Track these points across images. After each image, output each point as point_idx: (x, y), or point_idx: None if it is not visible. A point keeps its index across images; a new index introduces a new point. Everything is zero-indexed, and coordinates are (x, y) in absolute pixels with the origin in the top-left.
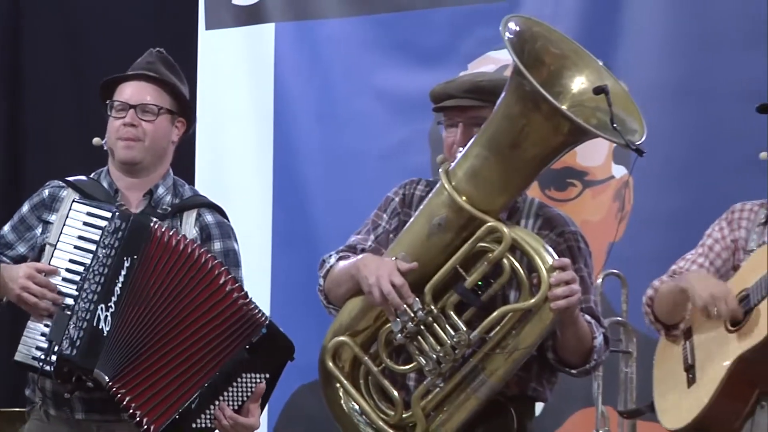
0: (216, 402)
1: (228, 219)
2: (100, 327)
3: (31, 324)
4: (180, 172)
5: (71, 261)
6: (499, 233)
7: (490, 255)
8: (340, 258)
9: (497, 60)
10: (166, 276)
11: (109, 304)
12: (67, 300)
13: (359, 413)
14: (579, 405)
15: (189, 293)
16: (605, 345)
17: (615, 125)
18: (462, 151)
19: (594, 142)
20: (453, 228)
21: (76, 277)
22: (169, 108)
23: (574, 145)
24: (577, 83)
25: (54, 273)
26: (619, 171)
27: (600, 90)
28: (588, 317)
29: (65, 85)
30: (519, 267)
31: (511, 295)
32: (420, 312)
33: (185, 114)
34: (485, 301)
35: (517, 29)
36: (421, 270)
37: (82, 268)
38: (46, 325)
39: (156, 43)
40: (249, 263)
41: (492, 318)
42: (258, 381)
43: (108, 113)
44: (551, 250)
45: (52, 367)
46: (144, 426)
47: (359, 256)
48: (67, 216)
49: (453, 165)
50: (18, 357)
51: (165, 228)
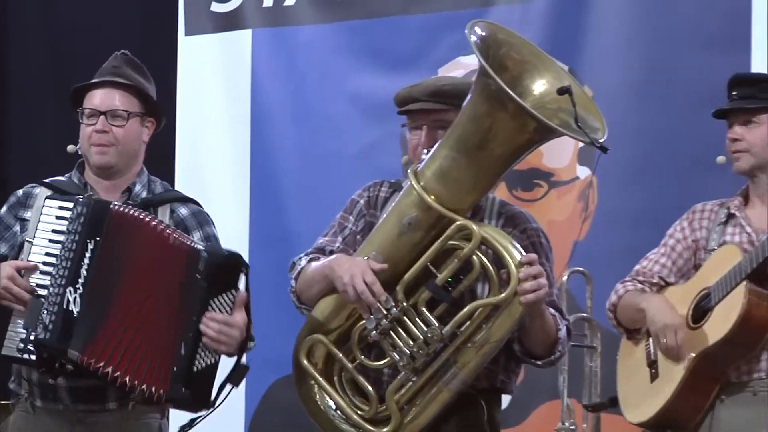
0: (201, 337)
1: (202, 207)
2: (70, 309)
3: (15, 318)
4: (160, 173)
5: (47, 254)
6: (469, 231)
7: (460, 252)
8: (310, 260)
9: (466, 65)
10: (127, 250)
11: (77, 286)
12: (42, 290)
13: (334, 409)
14: (544, 398)
15: (146, 258)
16: (568, 336)
17: (579, 123)
18: (429, 153)
19: (559, 144)
20: (423, 227)
21: (51, 269)
22: (138, 110)
23: (539, 144)
24: (539, 86)
25: (34, 269)
26: (584, 172)
27: (564, 90)
28: (552, 310)
29: (48, 91)
30: (488, 263)
31: (480, 291)
32: (393, 309)
33: (154, 113)
34: (456, 297)
35: (483, 34)
36: (393, 269)
37: (55, 259)
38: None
39: (137, 48)
40: None
41: (463, 313)
42: (232, 297)
43: (80, 120)
44: (519, 246)
45: (34, 356)
46: (151, 392)
47: (331, 256)
48: (41, 212)
49: (421, 166)
50: (4, 351)
51: (125, 208)
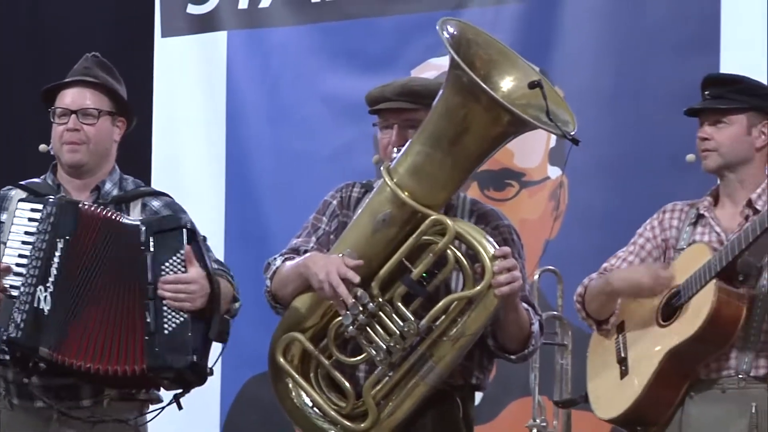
0: (163, 302)
1: (173, 199)
2: (41, 307)
3: None
4: (136, 173)
5: (20, 256)
6: (443, 226)
7: (434, 247)
8: (285, 260)
9: (439, 66)
10: (95, 248)
11: (47, 284)
12: (14, 291)
13: (311, 406)
14: (516, 395)
15: (112, 253)
16: (540, 332)
17: (550, 116)
18: (402, 150)
19: (530, 144)
20: (397, 223)
21: (23, 269)
22: (109, 110)
23: (511, 138)
24: (507, 83)
25: (7, 271)
26: (555, 172)
27: (534, 84)
28: (524, 305)
29: (26, 92)
30: (462, 257)
31: (455, 285)
32: (370, 304)
33: (125, 113)
34: (431, 292)
35: (454, 32)
36: (368, 265)
37: (27, 259)
38: None
39: (114, 50)
40: None
41: (439, 307)
42: (181, 257)
43: (51, 120)
44: (492, 240)
45: (8, 356)
46: (133, 371)
47: (306, 254)
48: (14, 215)
49: (393, 163)
50: None
51: (94, 207)
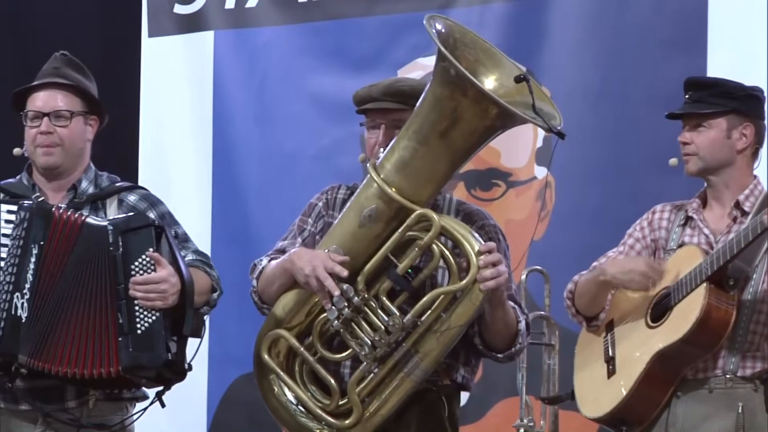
0: (134, 302)
1: (149, 191)
2: (18, 314)
3: None
4: (123, 174)
5: None
6: (429, 221)
7: (420, 242)
8: (271, 260)
9: (426, 66)
10: (69, 252)
11: (24, 291)
12: None
13: (295, 404)
14: (503, 395)
15: (86, 256)
16: (527, 330)
17: (536, 111)
18: (388, 146)
19: (517, 144)
20: (383, 219)
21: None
22: (81, 110)
23: (498, 132)
24: (492, 81)
25: None
26: (542, 172)
27: (521, 78)
28: (511, 303)
29: (9, 93)
30: (448, 252)
31: (441, 281)
32: (355, 298)
33: (96, 111)
34: (417, 287)
35: (442, 30)
36: (353, 261)
37: (3, 263)
38: None
39: (101, 50)
40: None
41: (425, 301)
42: (149, 253)
43: (24, 123)
44: (477, 235)
45: None
46: (109, 372)
47: (291, 250)
48: None
49: (380, 159)
50: None
51: (68, 211)
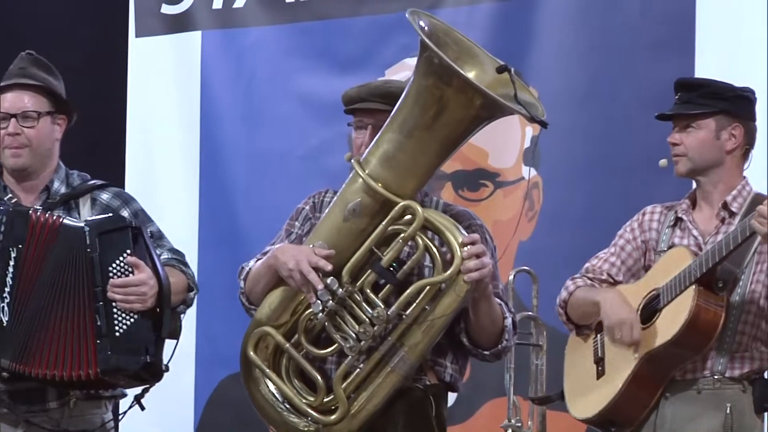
0: (113, 304)
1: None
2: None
3: None
4: (110, 174)
5: None
6: (412, 212)
7: (404, 234)
8: (257, 261)
9: (413, 67)
10: (47, 254)
11: (4, 295)
12: None
13: (281, 400)
14: (490, 395)
15: (63, 258)
16: (514, 329)
17: (519, 101)
18: (372, 141)
19: (505, 145)
20: (368, 213)
21: None
22: (48, 110)
23: (484, 123)
24: (472, 74)
25: None
26: (529, 172)
27: (503, 68)
28: (497, 300)
29: None
30: (431, 244)
31: (426, 273)
32: (339, 290)
33: (64, 110)
34: (401, 279)
35: (425, 27)
36: (339, 256)
37: None
38: None
39: (88, 50)
40: None
41: (409, 292)
42: (125, 256)
43: None
44: (461, 227)
45: None
46: (88, 375)
47: (275, 246)
48: None
49: (365, 155)
50: None
51: (45, 213)
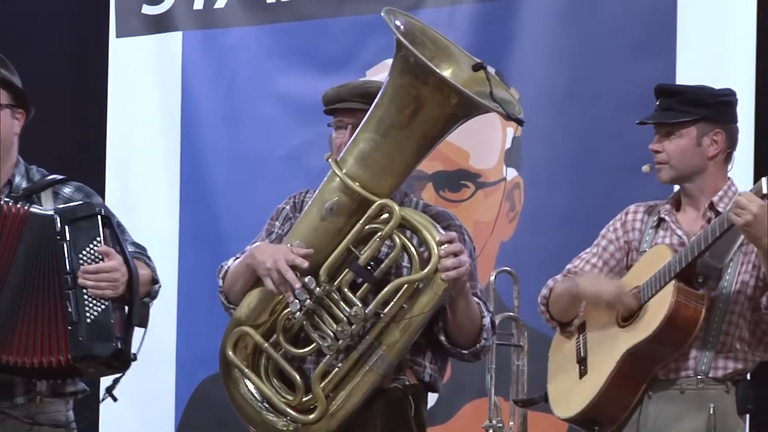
0: (84, 291)
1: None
2: None
3: None
4: (90, 174)
5: None
6: (389, 211)
7: (381, 233)
8: (236, 260)
9: None
10: (15, 244)
11: None
12: None
13: (261, 400)
14: (471, 396)
15: (31, 247)
16: (492, 329)
17: (494, 98)
18: (349, 140)
19: (486, 146)
20: (345, 212)
21: None
22: (7, 103)
23: (460, 122)
24: (448, 72)
25: None
26: (511, 173)
27: (479, 66)
28: (476, 299)
29: None
30: (408, 242)
31: (404, 272)
32: (317, 289)
33: (23, 104)
34: (379, 278)
35: (400, 26)
36: (317, 255)
37: None
38: None
39: (69, 50)
40: (157, 262)
41: (386, 291)
42: (95, 243)
43: None
44: (438, 226)
45: None
46: (59, 361)
47: (253, 245)
48: None
49: (342, 154)
50: None
51: (11, 203)
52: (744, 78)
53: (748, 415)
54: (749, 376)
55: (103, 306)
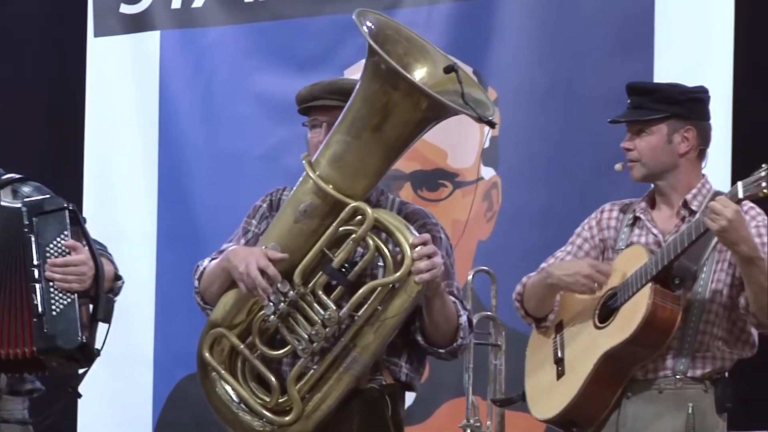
0: (50, 284)
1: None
2: None
3: None
4: (68, 173)
5: None
6: (363, 213)
7: (354, 235)
8: (212, 260)
9: None
10: None
11: None
12: None
13: (237, 401)
14: (449, 395)
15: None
16: (470, 327)
17: (466, 100)
18: (323, 142)
19: (464, 145)
20: (318, 214)
21: None
22: None
23: (432, 124)
24: (422, 72)
25: None
26: (488, 172)
27: (450, 69)
28: (452, 298)
29: None
30: (382, 245)
31: (378, 274)
32: (291, 292)
33: None
34: (353, 281)
35: (372, 26)
36: (291, 257)
37: None
38: None
39: (46, 49)
40: (135, 261)
41: (360, 293)
42: (63, 237)
43: None
44: (412, 228)
45: None
46: (24, 353)
47: (228, 248)
48: None
49: (315, 155)
50: None
51: None
52: (722, 78)
53: (726, 414)
54: (727, 374)
55: (69, 299)
